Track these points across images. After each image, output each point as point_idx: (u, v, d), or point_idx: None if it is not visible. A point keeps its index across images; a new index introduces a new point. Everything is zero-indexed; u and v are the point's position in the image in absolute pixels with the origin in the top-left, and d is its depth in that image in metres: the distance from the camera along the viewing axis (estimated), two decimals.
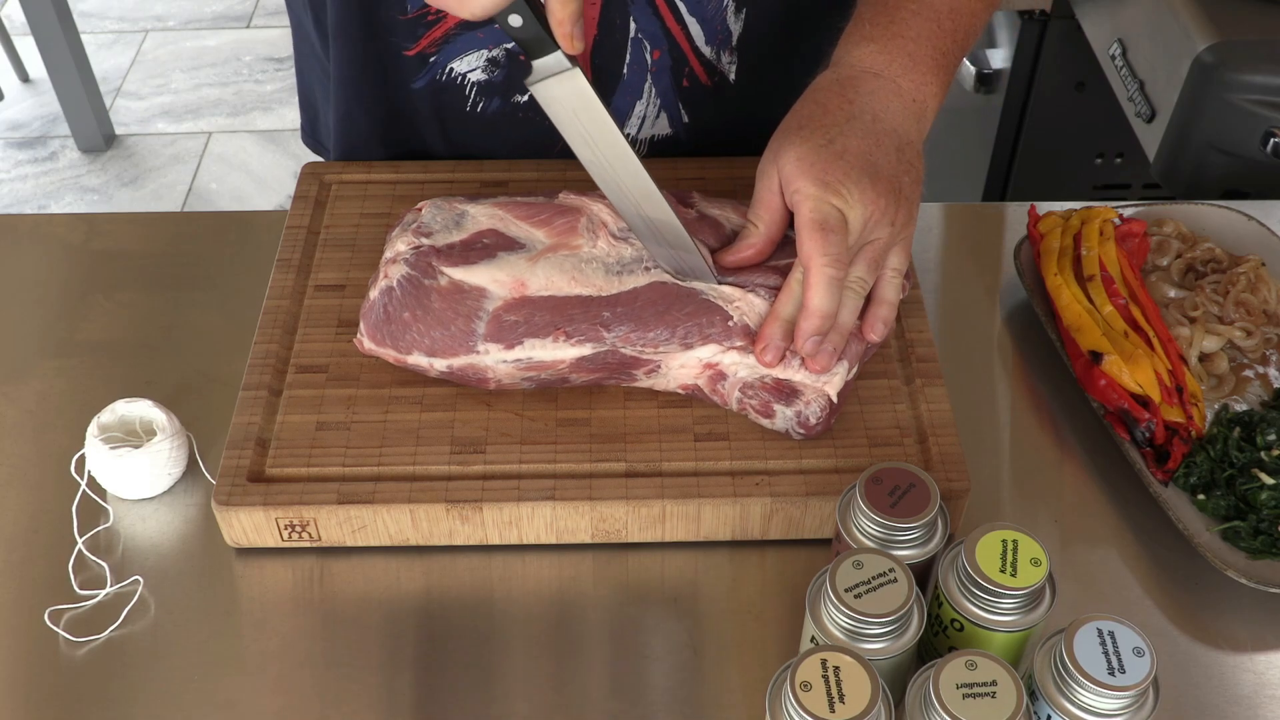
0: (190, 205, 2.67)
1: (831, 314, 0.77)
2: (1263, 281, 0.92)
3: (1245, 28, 1.28)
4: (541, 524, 0.78)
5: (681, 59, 0.96)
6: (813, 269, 0.76)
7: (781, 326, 0.78)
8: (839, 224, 0.76)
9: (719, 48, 0.96)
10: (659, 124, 1.00)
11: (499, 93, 0.97)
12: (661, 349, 0.80)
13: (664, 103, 0.98)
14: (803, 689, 0.60)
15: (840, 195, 0.76)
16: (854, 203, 0.76)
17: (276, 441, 0.80)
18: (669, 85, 0.97)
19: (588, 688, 0.73)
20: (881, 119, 0.80)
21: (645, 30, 0.93)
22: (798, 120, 0.80)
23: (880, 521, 0.69)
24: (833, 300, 0.76)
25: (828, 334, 0.78)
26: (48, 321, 0.94)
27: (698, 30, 0.94)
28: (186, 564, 0.79)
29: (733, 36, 0.96)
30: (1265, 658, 0.75)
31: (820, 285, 0.76)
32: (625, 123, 0.99)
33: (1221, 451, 0.82)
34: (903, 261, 0.82)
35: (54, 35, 2.59)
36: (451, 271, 0.82)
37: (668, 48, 0.95)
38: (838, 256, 0.75)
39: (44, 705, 0.72)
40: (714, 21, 0.94)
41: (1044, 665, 0.65)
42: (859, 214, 0.77)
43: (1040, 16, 1.61)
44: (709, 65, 0.97)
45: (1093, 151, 1.73)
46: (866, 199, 0.77)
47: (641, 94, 0.97)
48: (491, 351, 0.80)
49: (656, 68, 0.96)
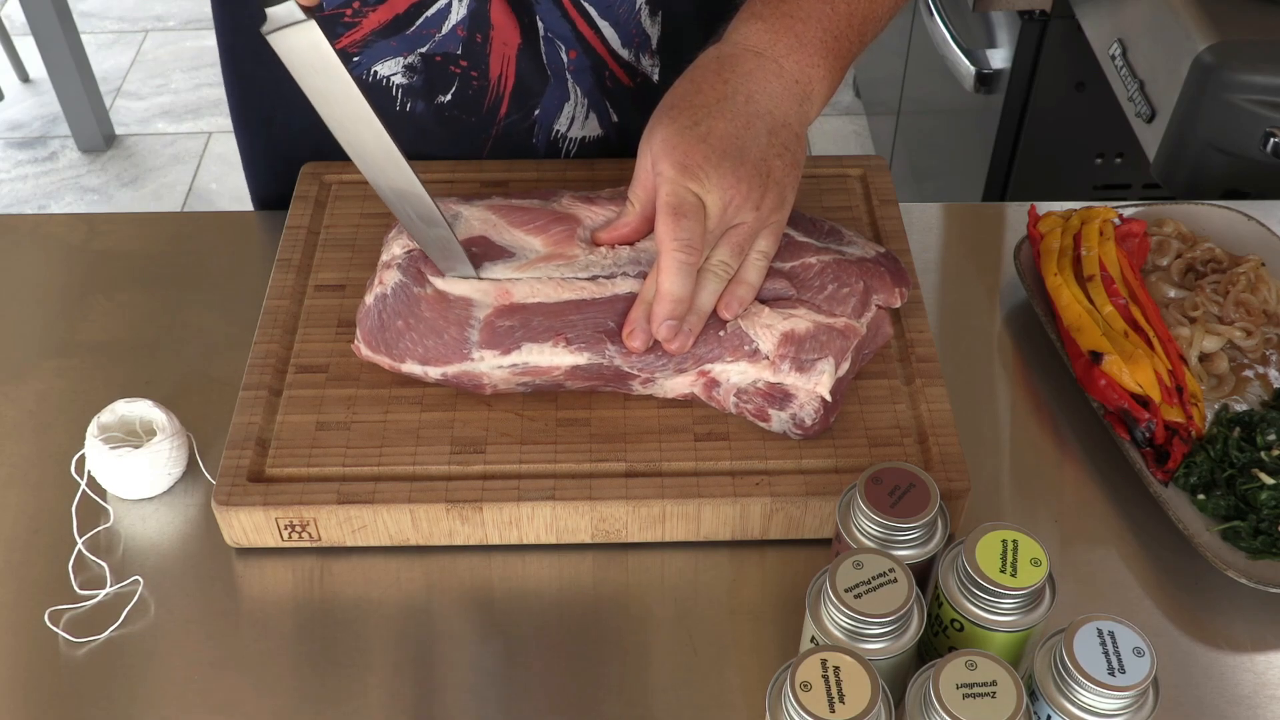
0: (190, 205, 2.67)
1: (683, 298, 0.77)
2: (1263, 281, 0.92)
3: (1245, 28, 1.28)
4: (541, 524, 0.78)
5: (600, 61, 0.96)
6: (664, 253, 0.77)
7: (645, 311, 0.79)
8: (694, 208, 0.76)
9: (637, 50, 0.96)
10: (589, 124, 1.00)
11: (421, 95, 0.97)
12: (659, 375, 0.81)
13: (591, 102, 0.98)
14: (803, 689, 0.60)
15: (698, 180, 0.76)
16: (711, 187, 0.76)
17: (276, 441, 0.80)
18: (592, 86, 0.97)
19: (588, 688, 0.73)
20: (756, 100, 0.79)
21: (555, 31, 0.93)
22: (671, 99, 0.80)
23: (880, 521, 0.69)
24: (683, 284, 0.77)
25: (685, 317, 0.78)
26: (48, 321, 0.94)
27: (611, 34, 0.94)
28: (186, 564, 0.79)
29: (651, 40, 0.96)
30: (1265, 658, 0.75)
31: (670, 270, 0.76)
32: (555, 121, 0.99)
33: (1221, 451, 0.82)
34: (771, 245, 0.81)
35: (54, 35, 2.59)
36: (436, 281, 0.82)
37: (582, 49, 0.95)
38: (689, 241, 0.76)
39: (44, 705, 0.72)
40: (628, 25, 0.94)
41: (1044, 665, 0.64)
42: (717, 199, 0.77)
43: (1040, 16, 1.60)
44: (629, 67, 0.97)
45: (1093, 151, 1.72)
46: (726, 184, 0.76)
47: (568, 94, 0.97)
48: (486, 358, 0.80)
49: (575, 67, 0.96)
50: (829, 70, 0.82)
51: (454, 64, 0.95)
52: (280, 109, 1.02)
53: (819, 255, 0.84)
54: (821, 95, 0.83)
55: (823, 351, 0.79)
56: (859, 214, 0.96)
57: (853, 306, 0.82)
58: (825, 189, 0.98)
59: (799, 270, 0.84)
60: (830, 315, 0.81)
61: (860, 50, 0.85)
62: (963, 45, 1.79)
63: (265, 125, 1.05)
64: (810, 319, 0.80)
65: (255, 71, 1.01)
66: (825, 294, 0.82)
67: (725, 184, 0.76)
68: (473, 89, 0.96)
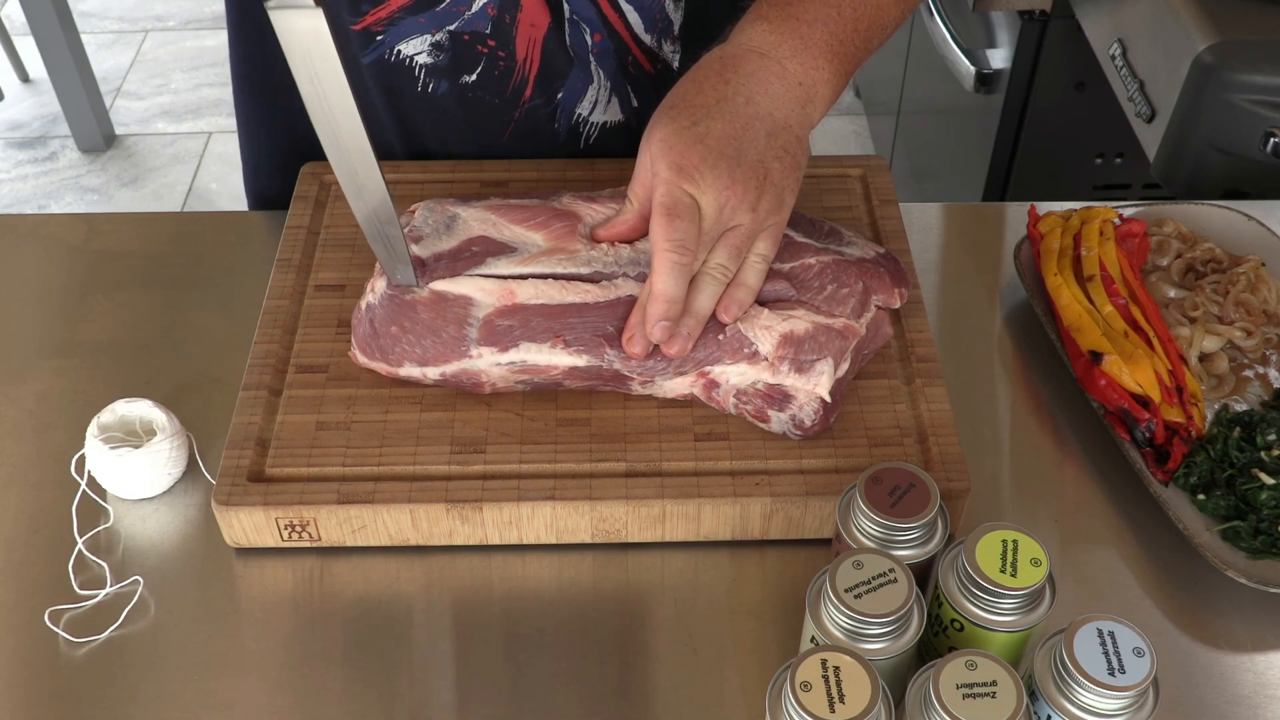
0: (190, 205, 2.67)
1: (677, 299, 0.77)
2: (1263, 281, 0.92)
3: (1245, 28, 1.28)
4: (541, 524, 0.78)
5: (623, 46, 0.96)
6: (657, 254, 0.77)
7: (642, 316, 0.79)
8: (688, 209, 0.76)
9: (660, 36, 0.96)
10: (611, 109, 1.00)
11: (446, 75, 0.97)
12: (658, 377, 0.81)
13: (613, 86, 0.98)
14: (803, 689, 0.60)
15: (693, 181, 0.76)
16: (706, 188, 0.76)
17: (276, 441, 0.80)
18: (615, 70, 0.97)
19: (588, 688, 0.73)
20: (757, 101, 0.79)
21: (581, 14, 0.93)
22: (672, 99, 0.80)
23: (880, 521, 0.69)
24: (676, 284, 0.77)
25: (682, 319, 0.78)
26: (48, 321, 0.94)
27: (636, 18, 0.95)
28: (186, 564, 0.79)
29: (674, 25, 0.96)
30: (1265, 658, 0.75)
31: (663, 270, 0.76)
32: (578, 105, 0.99)
33: (1221, 451, 0.82)
34: (770, 247, 0.80)
35: (54, 35, 2.59)
36: (433, 283, 0.82)
37: (606, 33, 0.95)
38: (682, 242, 0.76)
39: (44, 705, 0.72)
40: (651, 10, 0.95)
41: (1044, 665, 0.64)
42: (712, 200, 0.76)
43: (1040, 16, 1.61)
44: (650, 53, 0.97)
45: (1093, 151, 1.72)
46: (721, 184, 0.76)
47: (592, 78, 0.97)
48: (485, 355, 0.80)
49: (598, 50, 0.96)
50: (834, 74, 0.82)
51: (481, 43, 0.95)
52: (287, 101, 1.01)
53: (818, 256, 0.84)
54: (825, 98, 0.82)
55: (821, 352, 0.79)
56: (859, 214, 0.96)
57: (852, 307, 0.82)
58: (825, 189, 0.98)
59: (798, 271, 0.84)
60: (829, 316, 0.81)
61: (865, 56, 0.85)
62: (963, 45, 1.79)
63: (269, 122, 1.05)
64: (809, 320, 0.81)
65: (264, 73, 1.01)
66: (824, 295, 0.82)
67: (721, 185, 0.76)
68: (499, 69, 0.96)
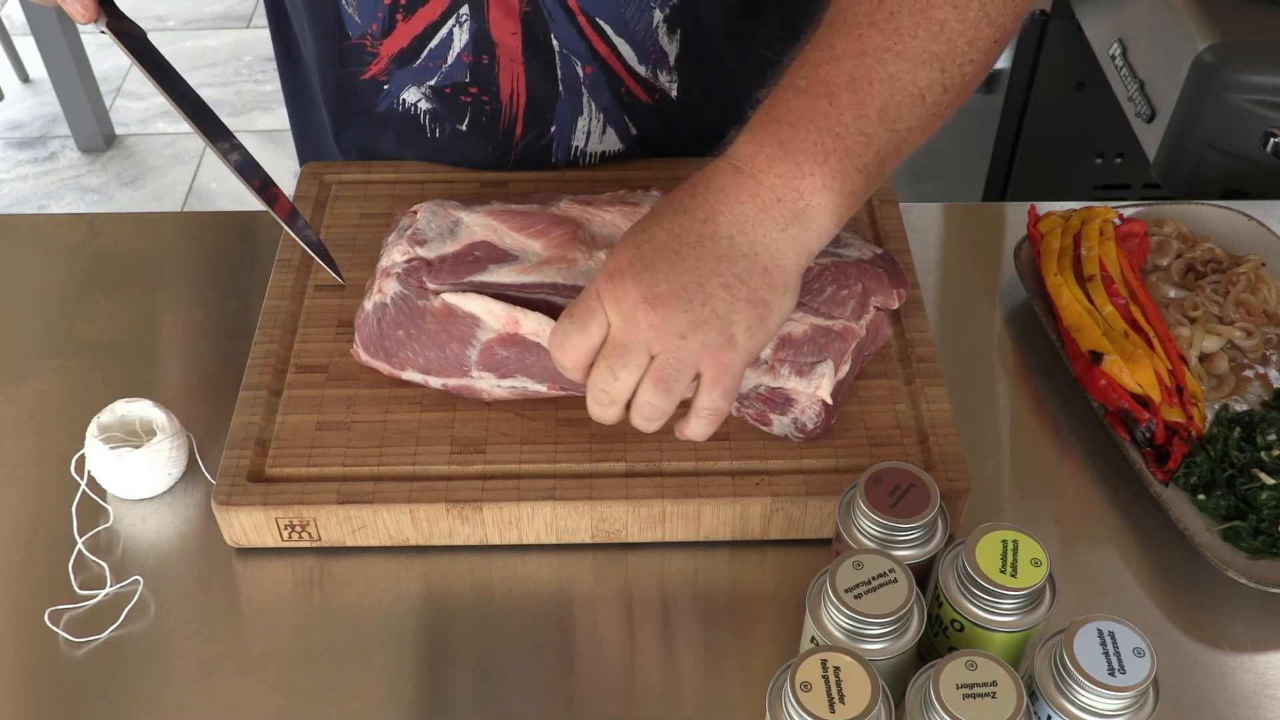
0: (190, 205, 2.67)
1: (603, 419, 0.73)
2: (1263, 281, 0.92)
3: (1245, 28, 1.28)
4: (541, 524, 0.78)
5: (615, 78, 0.94)
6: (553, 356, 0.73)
7: None
8: (592, 321, 0.70)
9: (655, 67, 0.94)
10: (608, 139, 0.98)
11: (444, 120, 0.97)
12: None
13: (608, 117, 0.97)
14: (803, 689, 0.60)
15: (609, 288, 0.69)
16: (612, 300, 0.69)
17: (276, 441, 0.80)
18: (609, 101, 0.96)
19: (588, 688, 0.73)
20: (717, 221, 0.69)
21: (569, 47, 0.92)
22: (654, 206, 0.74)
23: (880, 521, 0.69)
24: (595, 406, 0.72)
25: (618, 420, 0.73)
26: (48, 321, 0.94)
27: (628, 50, 0.93)
28: (186, 564, 0.79)
29: (669, 56, 0.94)
30: (1265, 658, 0.75)
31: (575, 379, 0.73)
32: (572, 137, 0.97)
33: (1221, 451, 0.82)
34: (720, 400, 0.70)
35: (54, 35, 2.59)
36: (446, 295, 0.82)
37: (597, 66, 0.93)
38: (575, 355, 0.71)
39: (44, 705, 0.72)
40: (644, 42, 0.93)
41: (1044, 665, 0.64)
42: (616, 313, 0.69)
43: (1040, 16, 1.61)
44: (646, 84, 0.95)
45: (1093, 151, 1.73)
46: (634, 297, 0.68)
47: (581, 109, 0.96)
48: (485, 378, 0.80)
49: (590, 82, 0.94)
50: (830, 178, 0.69)
51: (464, 93, 0.94)
52: None
53: (817, 257, 0.84)
54: (823, 211, 0.70)
55: (821, 354, 0.79)
56: (859, 214, 0.96)
57: (851, 309, 0.82)
58: None
59: None
60: (829, 318, 0.81)
61: (894, 147, 0.71)
62: None
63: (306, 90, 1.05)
64: (808, 322, 0.80)
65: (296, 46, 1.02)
66: (823, 296, 0.82)
67: (630, 300, 0.68)
68: (486, 114, 0.96)
